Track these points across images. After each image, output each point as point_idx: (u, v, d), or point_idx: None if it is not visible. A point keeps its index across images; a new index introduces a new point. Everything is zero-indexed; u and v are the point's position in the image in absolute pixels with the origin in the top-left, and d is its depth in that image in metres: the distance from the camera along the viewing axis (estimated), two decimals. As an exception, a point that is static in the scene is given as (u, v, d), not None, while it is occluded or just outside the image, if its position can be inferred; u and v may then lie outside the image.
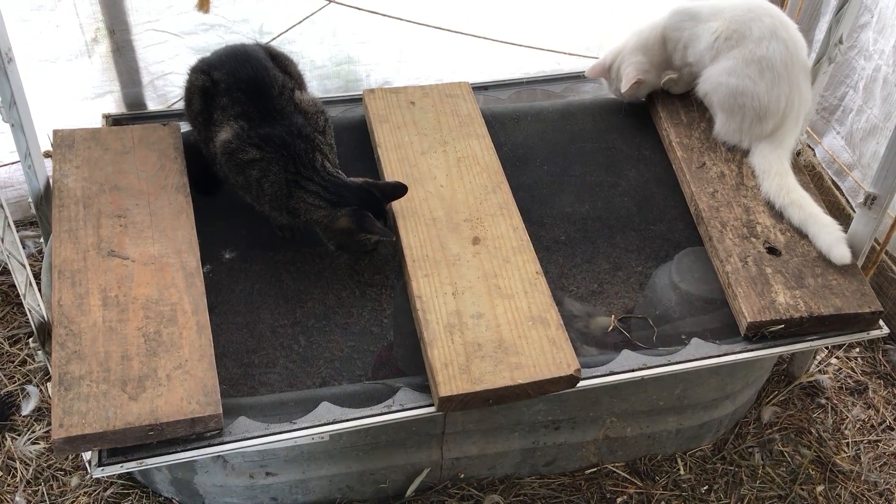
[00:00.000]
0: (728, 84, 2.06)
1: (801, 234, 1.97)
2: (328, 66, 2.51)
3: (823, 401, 2.31)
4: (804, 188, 2.03)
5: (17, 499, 1.96)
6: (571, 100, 2.45)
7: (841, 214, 2.43)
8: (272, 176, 1.88)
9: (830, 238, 1.92)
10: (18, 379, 2.19)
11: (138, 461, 1.57)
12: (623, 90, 2.19)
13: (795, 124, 2.09)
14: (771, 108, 2.04)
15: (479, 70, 2.61)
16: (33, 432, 2.08)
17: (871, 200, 1.88)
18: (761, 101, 2.04)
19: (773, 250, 1.95)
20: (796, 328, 1.84)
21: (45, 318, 1.68)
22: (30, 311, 1.64)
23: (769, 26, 2.02)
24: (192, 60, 2.29)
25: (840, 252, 1.90)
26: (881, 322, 1.90)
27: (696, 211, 2.06)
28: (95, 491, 1.97)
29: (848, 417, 2.28)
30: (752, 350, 1.83)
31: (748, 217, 2.01)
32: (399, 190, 1.92)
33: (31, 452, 2.04)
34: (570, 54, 2.67)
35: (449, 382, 1.65)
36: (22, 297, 1.62)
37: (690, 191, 2.08)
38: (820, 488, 2.11)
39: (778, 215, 2.01)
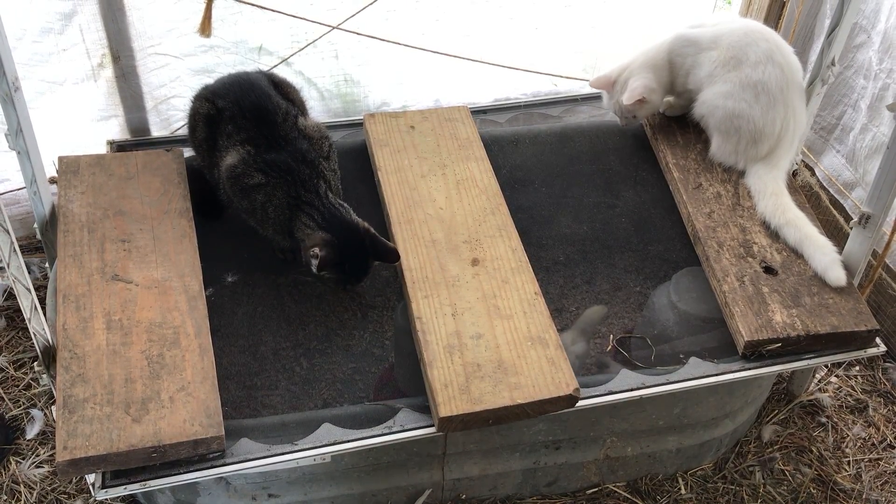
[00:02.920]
0: (724, 107, 2.08)
1: (797, 254, 1.99)
2: (328, 87, 2.55)
3: (824, 419, 2.31)
4: (800, 208, 2.05)
5: (22, 522, 1.97)
6: (569, 122, 2.48)
7: (839, 234, 2.45)
8: (276, 200, 1.90)
9: (826, 260, 1.94)
10: (23, 403, 2.21)
11: (141, 483, 1.58)
12: (626, 102, 2.15)
13: (791, 146, 2.12)
14: (766, 131, 2.07)
15: (475, 92, 2.66)
16: (37, 456, 2.09)
17: (865, 219, 1.90)
18: (756, 125, 2.06)
19: (769, 269, 1.96)
20: (793, 347, 1.85)
21: (50, 342, 1.70)
22: (35, 334, 1.66)
23: (765, 51, 2.05)
24: (193, 82, 2.34)
25: (835, 274, 1.91)
26: (878, 340, 1.91)
27: (692, 231, 2.09)
28: (99, 514, 1.98)
29: (848, 436, 2.28)
30: (749, 369, 1.85)
31: (745, 237, 2.03)
32: (390, 255, 1.89)
33: (35, 476, 2.05)
34: (566, 77, 2.70)
35: (449, 403, 1.66)
36: (27, 321, 1.64)
37: (687, 211, 2.11)
38: (821, 507, 2.12)
39: (774, 235, 2.03)
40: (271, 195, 1.90)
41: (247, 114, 1.95)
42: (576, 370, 1.75)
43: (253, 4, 2.30)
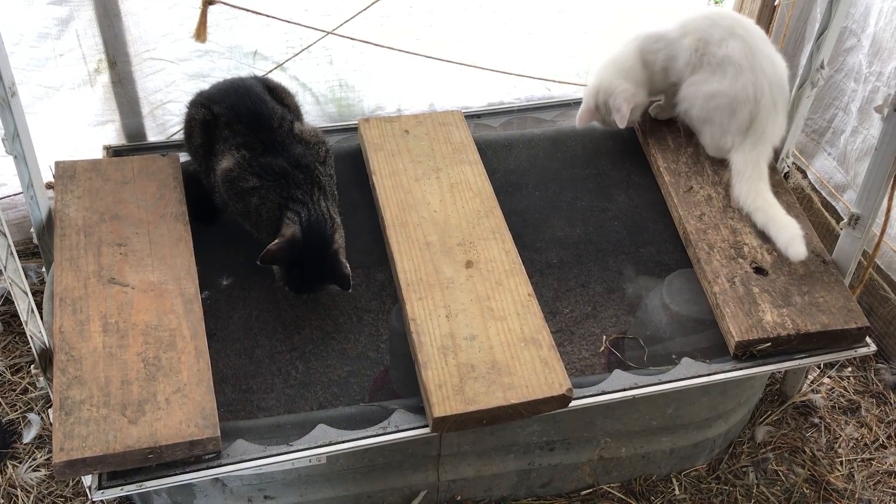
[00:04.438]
0: (701, 93, 2.10)
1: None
2: (323, 92, 2.57)
3: (817, 420, 2.33)
4: (790, 209, 2.07)
5: (19, 525, 1.98)
6: (562, 127, 2.49)
7: (831, 236, 2.47)
8: (269, 203, 1.92)
9: (787, 236, 1.95)
10: (20, 407, 2.22)
11: (138, 484, 1.59)
12: (623, 126, 2.17)
13: (773, 113, 2.09)
14: (739, 97, 2.06)
15: (469, 96, 2.67)
16: (34, 460, 2.10)
17: (854, 220, 1.92)
18: (728, 94, 2.06)
19: (759, 270, 1.98)
20: (784, 346, 1.87)
21: (47, 345, 1.71)
22: (32, 337, 1.67)
23: (726, 27, 2.08)
24: (189, 87, 2.34)
25: (796, 249, 1.93)
26: (868, 339, 1.93)
27: (684, 234, 2.10)
28: (96, 517, 1.99)
29: (841, 436, 2.30)
30: (740, 369, 1.86)
31: (735, 238, 2.05)
32: (343, 281, 1.91)
33: (32, 480, 2.06)
34: (559, 82, 2.72)
35: (443, 403, 1.68)
36: (24, 325, 1.65)
37: (678, 214, 2.12)
38: (814, 507, 2.13)
39: (764, 236, 2.04)
40: (265, 198, 1.92)
41: (242, 119, 1.97)
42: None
43: (248, 10, 2.31)
